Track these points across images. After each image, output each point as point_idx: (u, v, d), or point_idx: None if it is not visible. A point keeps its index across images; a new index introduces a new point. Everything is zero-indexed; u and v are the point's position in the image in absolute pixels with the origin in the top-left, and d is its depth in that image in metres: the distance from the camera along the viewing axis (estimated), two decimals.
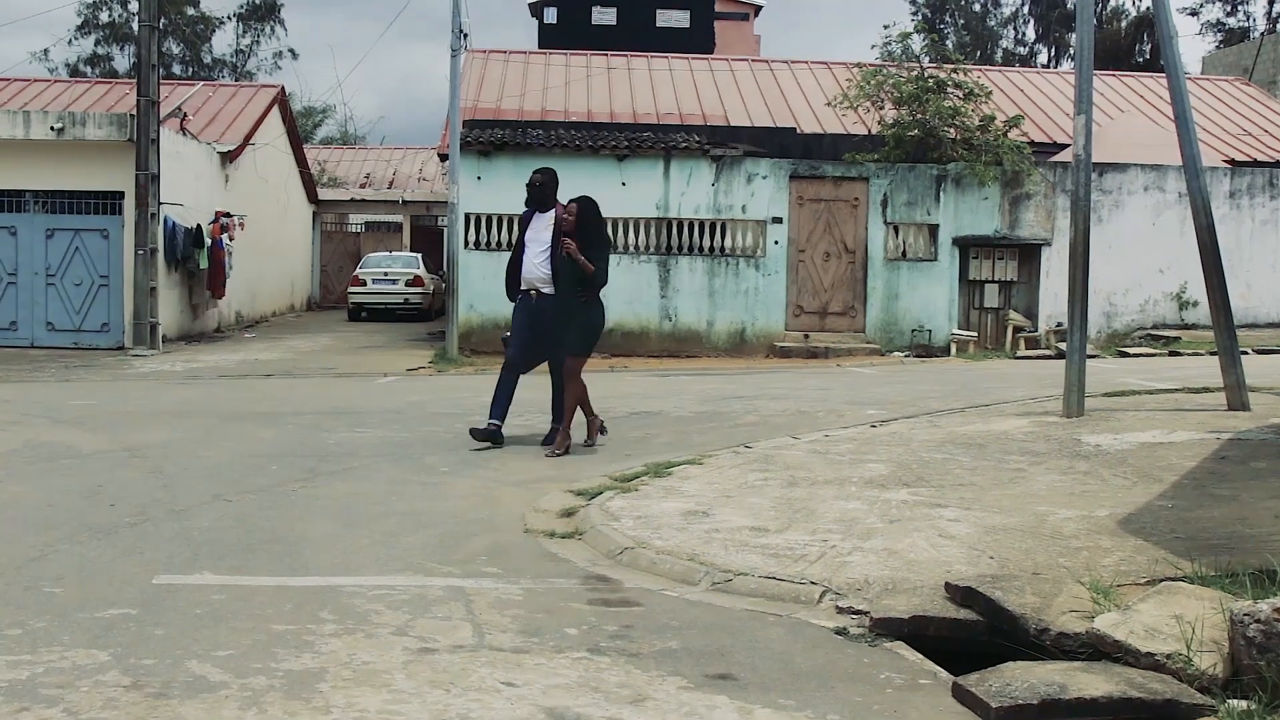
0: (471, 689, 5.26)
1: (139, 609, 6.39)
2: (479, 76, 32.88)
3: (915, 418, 13.48)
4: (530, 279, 11.92)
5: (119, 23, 62.82)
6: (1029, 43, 69.67)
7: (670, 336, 24.55)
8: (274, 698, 5.13)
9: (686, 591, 6.85)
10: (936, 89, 26.08)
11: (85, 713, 4.95)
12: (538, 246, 11.92)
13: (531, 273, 11.91)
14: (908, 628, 6.04)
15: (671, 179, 24.51)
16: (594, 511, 8.63)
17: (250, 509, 9.02)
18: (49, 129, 24.03)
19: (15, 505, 9.09)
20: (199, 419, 13.93)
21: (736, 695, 5.23)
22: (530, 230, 12.08)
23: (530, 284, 11.93)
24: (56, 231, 24.48)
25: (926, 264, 24.97)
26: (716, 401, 15.70)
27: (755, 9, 66.55)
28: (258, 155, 31.67)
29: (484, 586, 6.90)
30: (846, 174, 24.99)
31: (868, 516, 8.25)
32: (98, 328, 24.55)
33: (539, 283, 11.86)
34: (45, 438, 12.58)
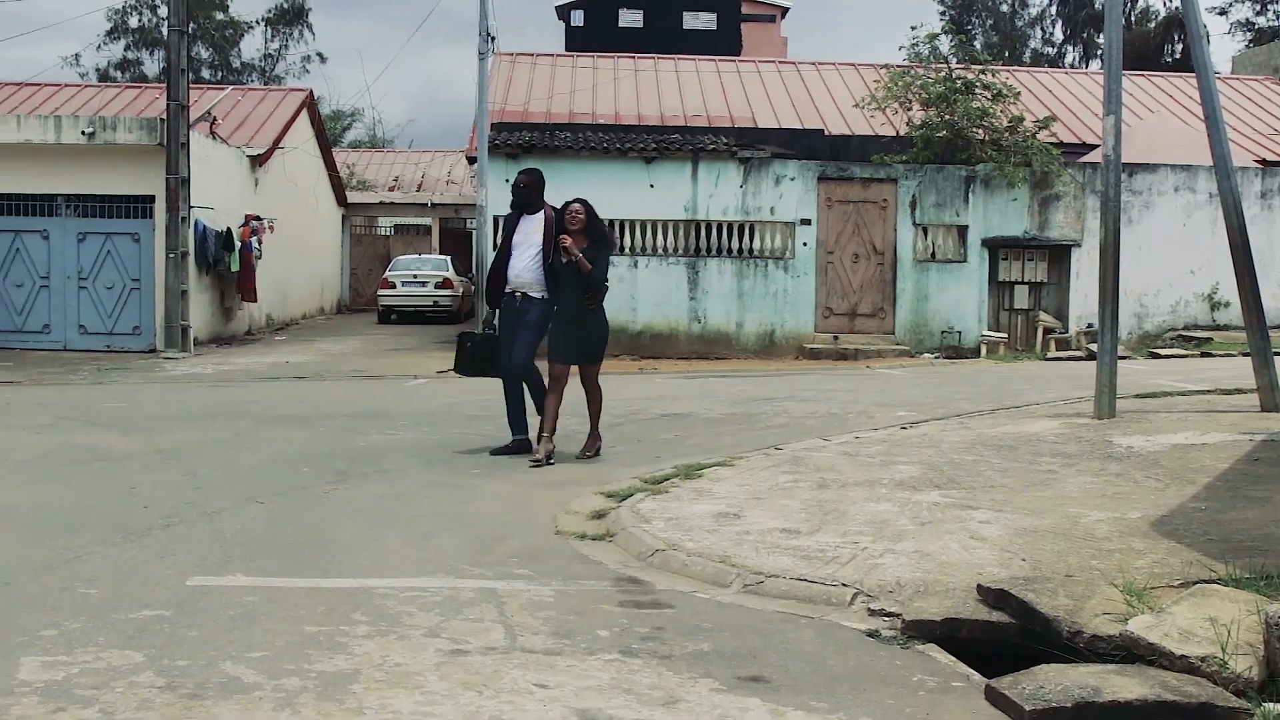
0: (504, 691, 5.27)
1: (173, 610, 6.43)
2: (507, 79, 32.95)
3: (946, 419, 13.44)
4: (518, 282, 11.49)
5: (148, 27, 63.15)
6: (1057, 43, 69.43)
7: (699, 338, 24.54)
8: (307, 699, 5.15)
9: (718, 593, 6.85)
10: (965, 90, 26.01)
11: (120, 713, 4.98)
12: (528, 249, 11.50)
13: (521, 276, 11.47)
14: (940, 630, 6.02)
15: (700, 181, 24.50)
16: (625, 514, 8.64)
17: (282, 511, 9.05)
18: (80, 133, 24.17)
19: (50, 507, 9.15)
20: (231, 421, 13.99)
21: (769, 697, 5.23)
22: (519, 233, 11.63)
23: (517, 287, 11.50)
24: (88, 235, 24.62)
25: (956, 265, 24.90)
26: (746, 403, 15.69)
27: (782, 11, 66.52)
28: (287, 159, 31.80)
29: (516, 588, 6.91)
30: (875, 175, 24.94)
31: (899, 518, 8.24)
32: (129, 330, 24.68)
33: (527, 286, 11.46)
34: (79, 440, 12.66)
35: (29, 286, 24.67)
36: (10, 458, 11.42)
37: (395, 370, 21.44)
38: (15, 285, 24.66)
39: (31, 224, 24.64)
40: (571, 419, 11.80)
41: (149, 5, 63.00)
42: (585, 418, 11.77)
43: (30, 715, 4.95)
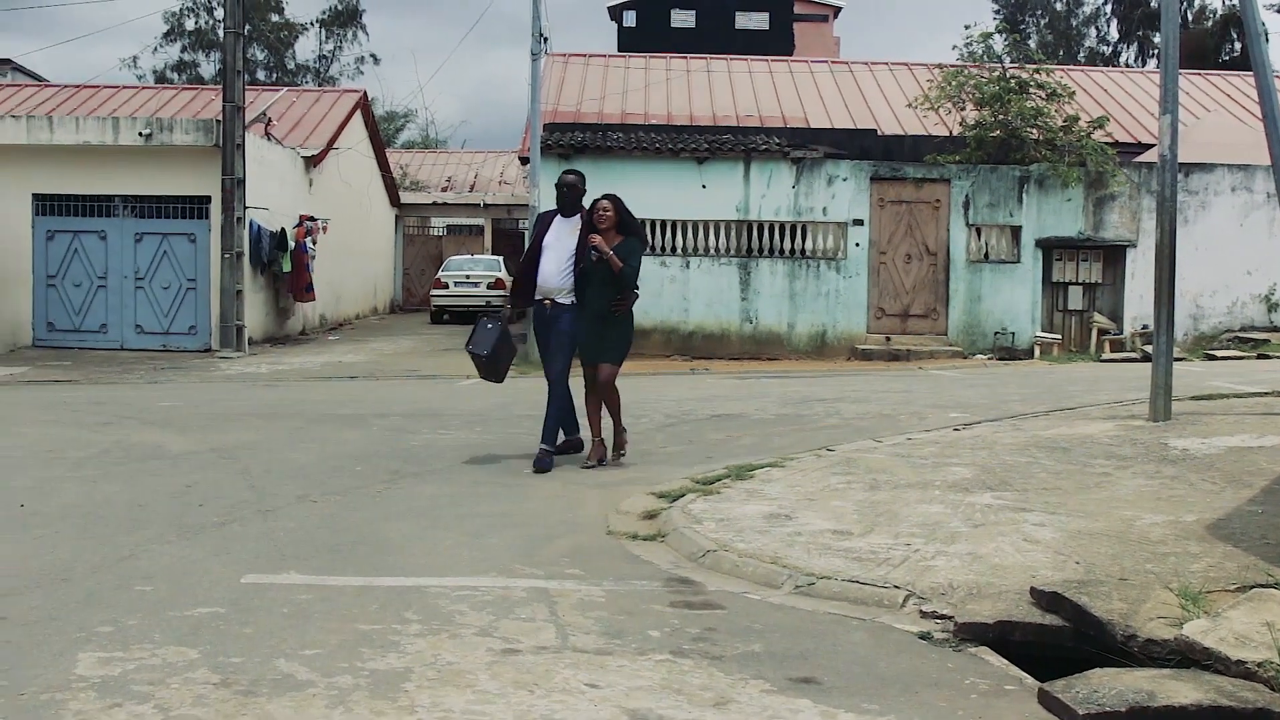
0: (555, 690, 5.29)
1: (227, 608, 6.48)
2: (559, 80, 33.01)
3: (999, 421, 13.37)
4: (547, 288, 11.02)
5: (205, 30, 63.69)
6: (1112, 41, 68.87)
7: (751, 339, 24.49)
8: (360, 697, 5.18)
9: (769, 594, 6.85)
10: (1019, 89, 25.83)
11: (176, 709, 5.03)
12: (561, 253, 11.00)
13: (550, 281, 11.00)
14: (992, 633, 6.00)
15: (752, 181, 24.46)
16: (676, 514, 8.65)
17: (335, 510, 9.11)
18: (137, 135, 24.41)
19: (107, 505, 9.25)
20: (284, 420, 14.09)
21: (820, 699, 5.22)
22: (551, 234, 11.13)
23: (546, 293, 11.04)
24: (145, 235, 24.85)
25: (1009, 266, 24.74)
26: (798, 404, 15.66)
27: (835, 10, 66.33)
28: (341, 159, 31.98)
29: (567, 588, 6.93)
30: (928, 175, 24.82)
31: (951, 520, 8.20)
32: (185, 330, 24.90)
33: (556, 292, 11.00)
34: (135, 438, 12.78)
35: (87, 286, 24.93)
36: (69, 455, 11.55)
37: (447, 370, 21.52)
38: (74, 285, 24.93)
39: (90, 224, 24.90)
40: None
41: (205, 8, 63.58)
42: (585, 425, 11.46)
43: (86, 710, 5.01)
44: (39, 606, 6.50)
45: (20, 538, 8.15)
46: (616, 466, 10.88)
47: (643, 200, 24.08)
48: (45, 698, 5.14)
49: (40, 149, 24.65)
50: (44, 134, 24.70)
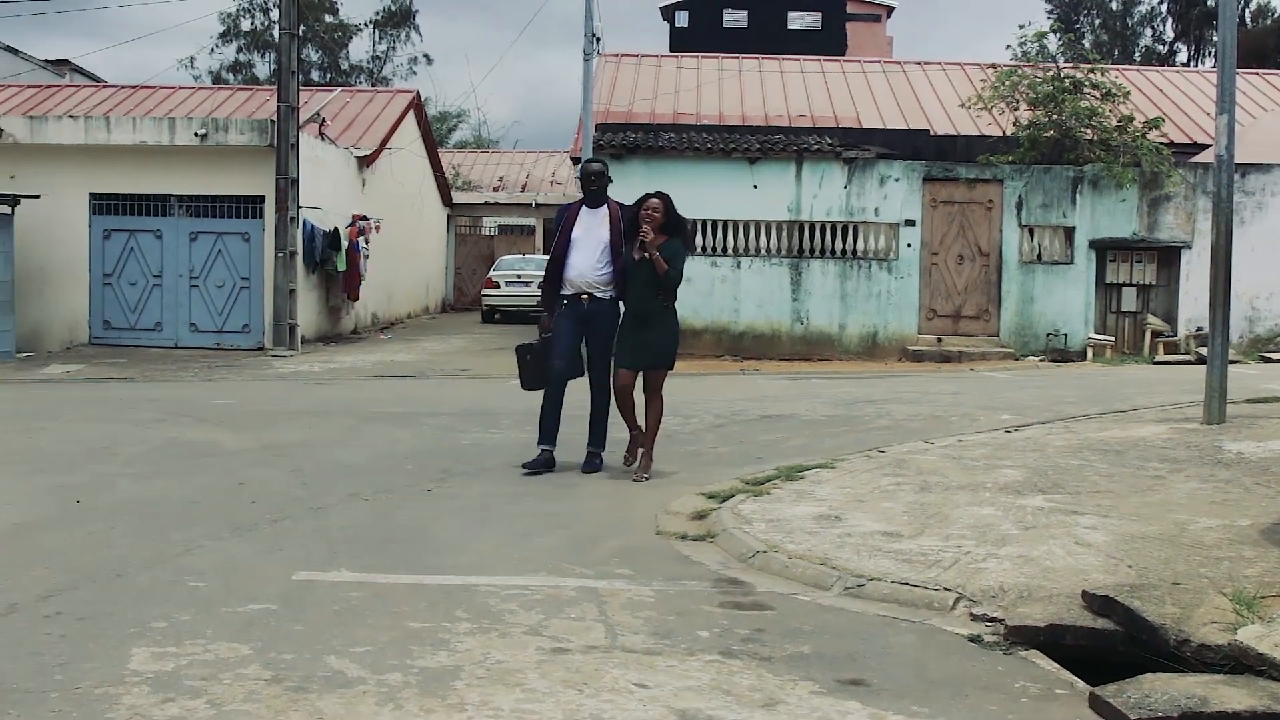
0: (604, 689, 5.30)
1: (279, 604, 6.53)
2: (611, 80, 33.05)
3: (1051, 423, 13.29)
4: (582, 282, 10.48)
5: (259, 30, 64.18)
6: (1168, 41, 68.31)
7: (801, 339, 24.43)
8: (410, 694, 5.21)
9: (819, 596, 6.84)
10: (1073, 89, 25.66)
11: (228, 705, 5.08)
12: (594, 245, 10.50)
13: (586, 275, 10.46)
14: (1043, 636, 5.96)
15: (803, 181, 24.40)
16: (726, 514, 8.64)
17: (387, 508, 9.16)
18: (193, 135, 24.59)
19: (161, 501, 9.34)
20: (336, 419, 14.17)
21: (869, 701, 5.21)
22: (579, 226, 10.59)
23: (581, 287, 10.49)
24: (200, 235, 25.04)
25: (1062, 267, 24.57)
26: (848, 405, 15.61)
27: (887, 10, 66.12)
28: (394, 159, 32.14)
29: (616, 587, 6.94)
30: (980, 176, 24.68)
31: (1002, 523, 8.16)
32: (239, 329, 25.06)
33: (593, 286, 10.49)
34: (189, 436, 12.89)
35: (142, 285, 25.14)
36: (123, 452, 11.67)
37: (498, 369, 21.56)
38: (129, 284, 25.15)
39: (145, 224, 25.11)
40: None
41: (261, 9, 64.05)
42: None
43: (140, 705, 5.06)
44: (94, 601, 6.57)
45: (76, 533, 8.24)
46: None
47: (694, 200, 24.08)
48: (100, 692, 5.20)
49: (98, 149, 24.89)
50: (101, 134, 24.95)
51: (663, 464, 11.15)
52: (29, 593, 6.72)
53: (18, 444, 12.29)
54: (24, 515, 8.82)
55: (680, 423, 13.81)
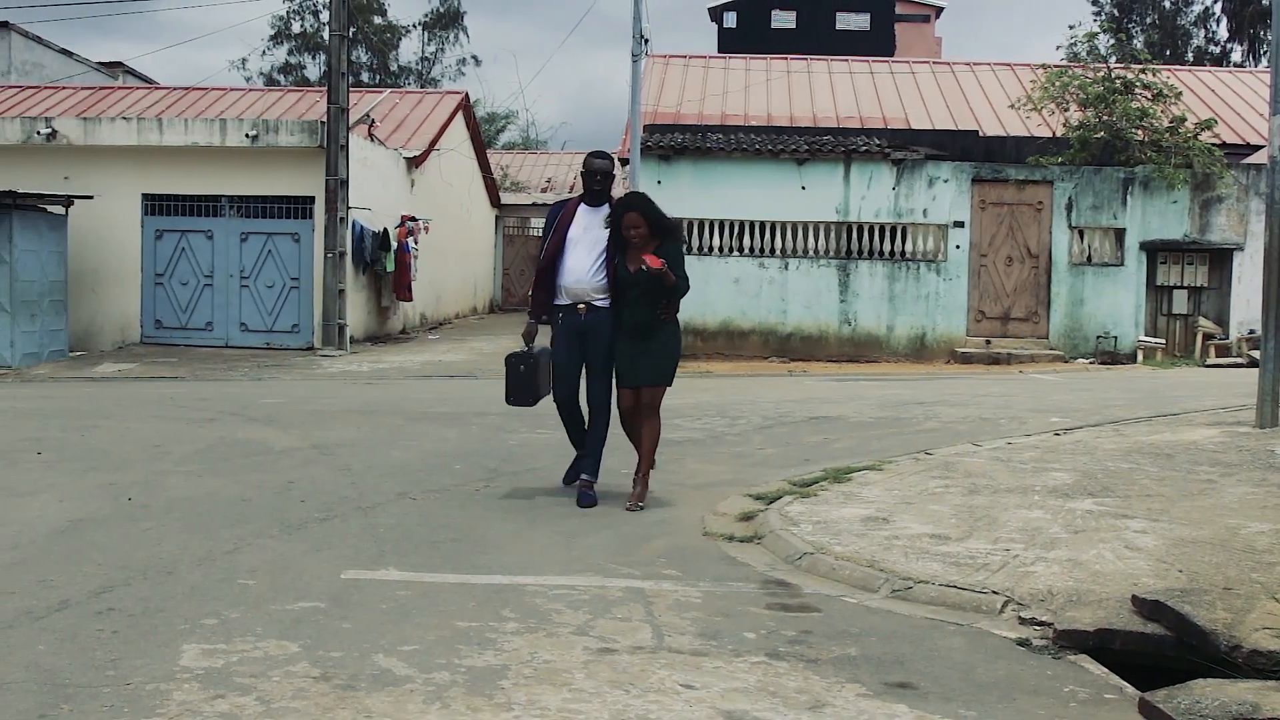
0: (650, 690, 5.31)
1: (327, 602, 6.58)
2: (659, 81, 33.05)
3: (1100, 426, 13.21)
4: (579, 289, 9.40)
5: (310, 32, 64.50)
6: (1221, 41, 67.63)
7: (849, 341, 24.37)
8: (457, 693, 5.24)
9: (866, 598, 6.82)
10: (1124, 90, 25.48)
11: (277, 702, 5.12)
12: (590, 248, 9.41)
13: (583, 281, 9.38)
14: (1092, 641, 5.93)
15: (851, 183, 24.34)
16: (773, 516, 8.64)
17: (434, 507, 9.20)
18: (244, 136, 24.75)
19: (212, 499, 9.41)
20: (385, 418, 14.23)
21: (916, 704, 5.20)
22: (576, 226, 9.50)
23: (579, 296, 9.41)
24: (250, 235, 25.19)
25: (1112, 269, 24.40)
26: (896, 407, 15.56)
27: (936, 11, 65.81)
28: (443, 160, 32.24)
29: (663, 588, 6.95)
30: (1030, 177, 24.55)
31: (1051, 526, 8.12)
32: (288, 328, 25.20)
33: (591, 294, 9.41)
34: (239, 435, 12.98)
35: (193, 285, 25.32)
36: (175, 451, 11.76)
37: None
38: (181, 284, 25.34)
39: (197, 224, 25.30)
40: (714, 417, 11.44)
41: (311, 11, 64.38)
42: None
43: (190, 701, 5.11)
44: (146, 598, 6.63)
45: (128, 530, 8.32)
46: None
47: (742, 202, 24.16)
48: (151, 687, 5.25)
49: (150, 150, 25.10)
50: (154, 135, 25.15)
51: (708, 465, 11.15)
52: (82, 589, 6.80)
53: (71, 442, 12.41)
54: (77, 512, 8.91)
55: (727, 424, 13.81)
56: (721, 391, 17.68)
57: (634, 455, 9.65)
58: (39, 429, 13.36)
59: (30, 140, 25.12)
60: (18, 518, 8.71)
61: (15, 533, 8.23)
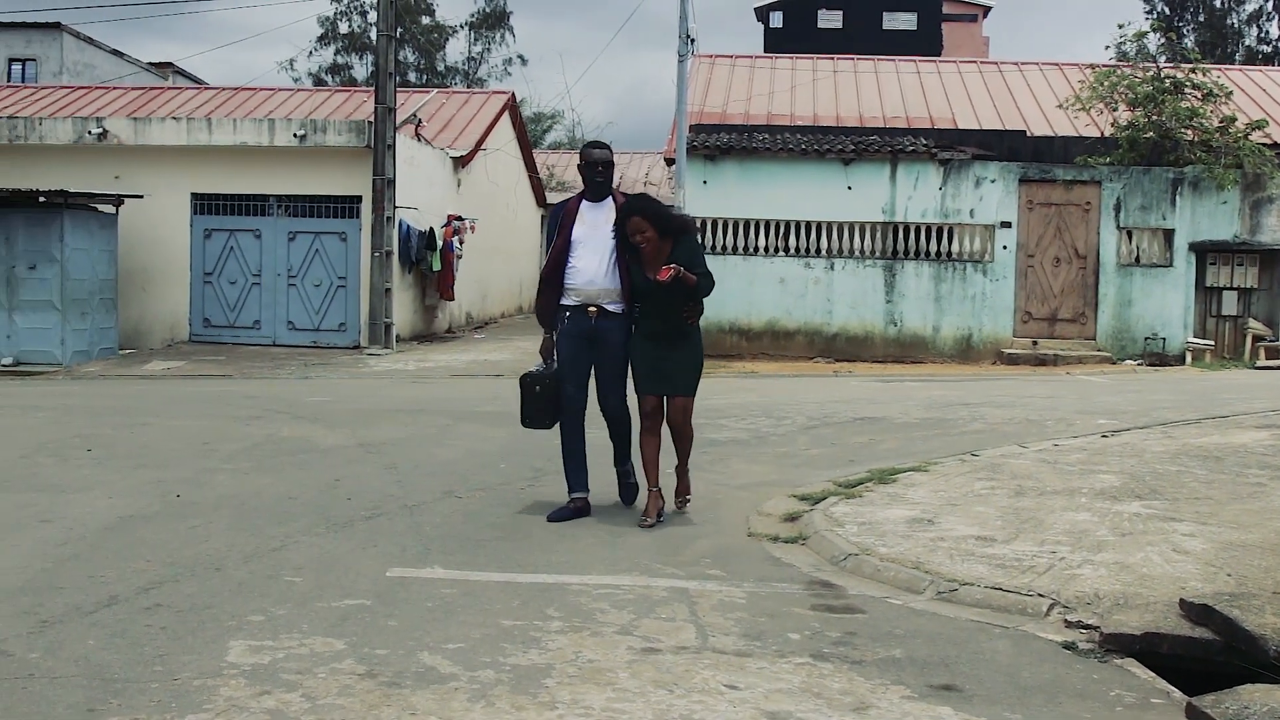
0: (694, 690, 5.31)
1: (373, 600, 6.61)
2: (705, 81, 33.01)
3: (1148, 428, 13.12)
4: (590, 291, 8.76)
5: (357, 33, 64.83)
6: (1273, 40, 67.02)
7: (895, 342, 24.30)
8: (501, 691, 5.25)
9: (911, 600, 6.80)
10: (1173, 90, 25.28)
11: (322, 698, 5.15)
12: (599, 248, 8.75)
13: (595, 283, 8.75)
14: (1139, 644, 5.89)
15: (898, 183, 24.26)
16: (818, 517, 8.62)
17: (480, 506, 9.23)
18: (292, 136, 24.90)
19: (259, 497, 9.47)
20: (430, 417, 14.29)
21: (961, 707, 5.18)
22: (581, 224, 8.85)
23: (590, 298, 8.76)
24: (298, 234, 25.34)
25: (1161, 270, 24.22)
26: (942, 408, 15.50)
27: (984, 10, 65.53)
28: (489, 160, 32.32)
29: (707, 588, 6.95)
30: (1078, 177, 24.40)
31: (1098, 529, 8.08)
32: (335, 327, 25.34)
33: (601, 297, 8.77)
34: (285, 432, 13.07)
35: (241, 284, 25.50)
36: (223, 448, 11.84)
37: None
38: (229, 282, 25.52)
39: (245, 223, 25.46)
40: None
41: (359, 11, 64.70)
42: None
43: (237, 697, 5.15)
44: (193, 594, 6.68)
45: (176, 527, 8.39)
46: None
47: (788, 202, 24.12)
48: (198, 683, 5.29)
49: (199, 149, 25.30)
50: (203, 135, 25.35)
51: (753, 465, 11.14)
52: (130, 585, 6.86)
53: (121, 439, 12.52)
54: (126, 509, 8.99)
55: (772, 424, 13.79)
56: (766, 391, 17.66)
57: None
58: (89, 426, 13.49)
59: (82, 140, 25.37)
60: (68, 514, 8.79)
61: (66, 529, 8.31)
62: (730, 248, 24.34)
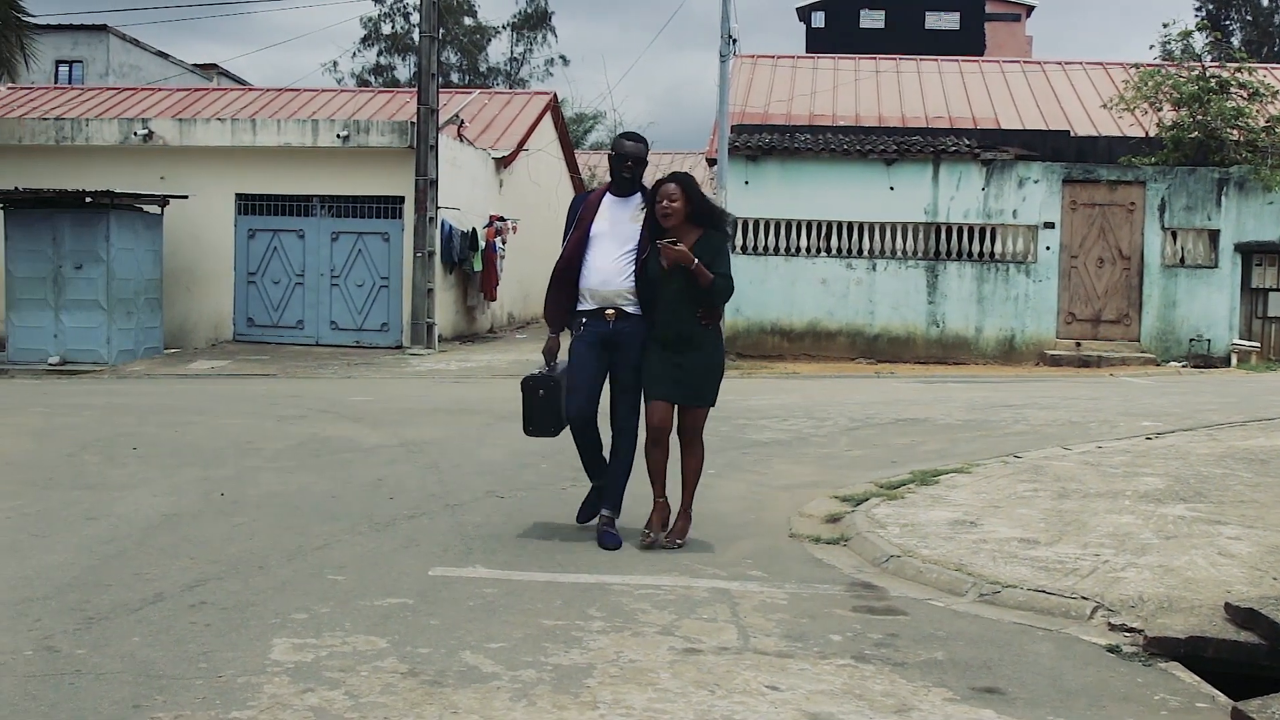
0: (735, 691, 5.31)
1: (415, 599, 6.64)
2: (747, 81, 32.98)
3: (1193, 430, 13.03)
4: (607, 291, 8.01)
5: (400, 34, 65.05)
6: None
7: (937, 342, 24.22)
8: (543, 691, 5.27)
9: (953, 602, 6.78)
10: (1219, 89, 25.10)
11: (365, 696, 5.17)
12: (620, 244, 8.04)
13: (611, 282, 8.00)
14: (1184, 648, 5.86)
15: (940, 183, 24.18)
16: (860, 518, 8.61)
17: (522, 506, 9.26)
18: (335, 137, 25.04)
19: (303, 495, 9.53)
20: (472, 416, 14.33)
21: (1004, 710, 5.16)
22: (601, 220, 8.15)
23: (606, 299, 8.02)
24: (341, 234, 25.48)
25: (1206, 271, 24.05)
26: (984, 410, 15.43)
27: (1027, 9, 65.14)
28: (531, 160, 32.39)
29: (749, 589, 6.94)
30: (1122, 178, 24.27)
31: (1142, 531, 8.03)
32: (377, 327, 25.45)
33: (620, 298, 8.01)
34: (329, 432, 13.13)
35: (285, 284, 25.64)
36: (266, 447, 11.92)
37: None
38: (273, 282, 25.67)
39: (289, 224, 25.61)
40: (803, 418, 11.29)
41: (401, 13, 64.93)
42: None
43: (281, 694, 5.18)
44: (237, 592, 6.73)
45: (221, 525, 8.45)
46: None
47: (830, 202, 24.07)
48: (242, 680, 5.33)
49: (243, 150, 25.46)
50: (247, 136, 25.51)
51: (796, 465, 11.11)
52: (176, 582, 6.91)
53: (166, 438, 12.62)
54: (171, 507, 9.06)
55: (814, 425, 13.77)
56: (808, 392, 17.63)
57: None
58: (135, 425, 13.60)
59: (127, 141, 25.58)
60: (114, 512, 8.87)
61: (112, 526, 8.39)
62: (772, 248, 24.33)
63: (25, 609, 6.37)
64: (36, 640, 5.86)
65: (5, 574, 7.09)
